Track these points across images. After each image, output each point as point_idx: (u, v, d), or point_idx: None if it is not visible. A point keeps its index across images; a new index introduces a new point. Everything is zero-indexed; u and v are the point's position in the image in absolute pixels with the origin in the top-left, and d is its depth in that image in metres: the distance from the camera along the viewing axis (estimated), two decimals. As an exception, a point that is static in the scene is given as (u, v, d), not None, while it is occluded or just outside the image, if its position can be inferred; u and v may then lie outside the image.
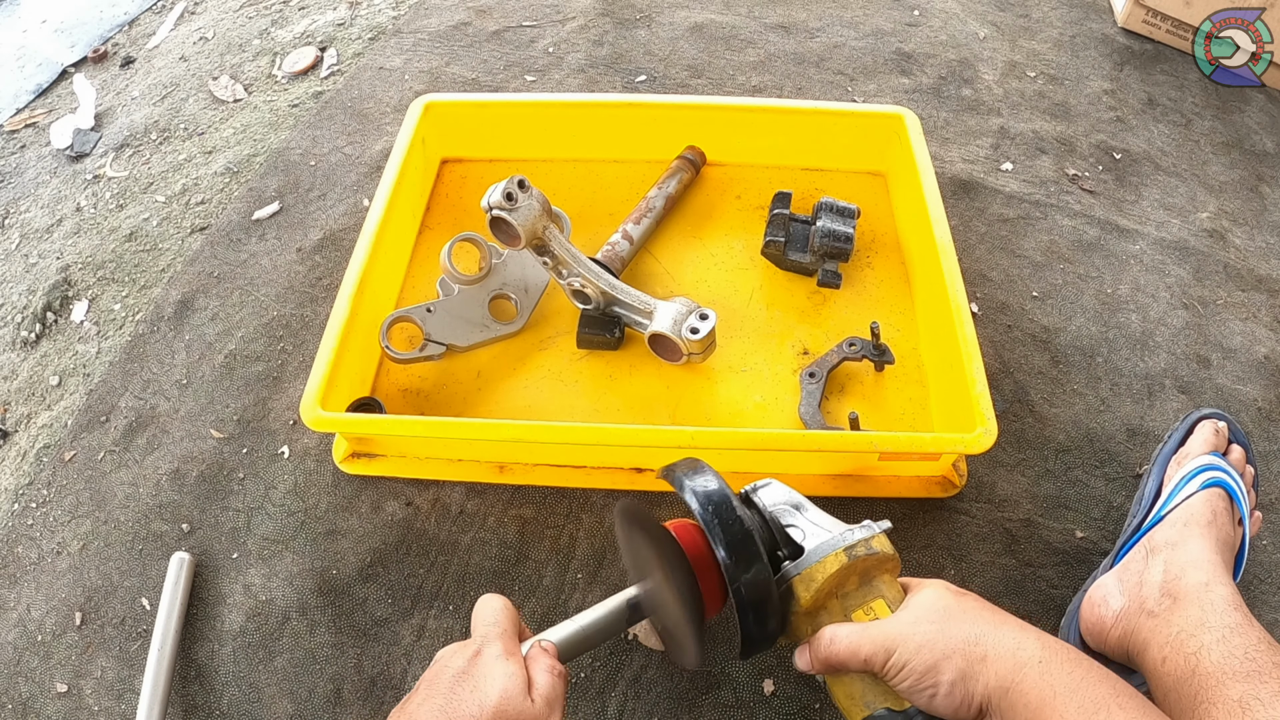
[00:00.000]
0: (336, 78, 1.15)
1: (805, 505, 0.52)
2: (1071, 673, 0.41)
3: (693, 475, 0.50)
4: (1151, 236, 0.93)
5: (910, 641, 0.44)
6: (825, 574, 0.47)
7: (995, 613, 0.46)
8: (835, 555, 0.47)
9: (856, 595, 0.49)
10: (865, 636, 0.45)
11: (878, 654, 0.44)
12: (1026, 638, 0.43)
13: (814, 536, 0.49)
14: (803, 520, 0.50)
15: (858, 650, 0.45)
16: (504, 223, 0.72)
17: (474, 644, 0.45)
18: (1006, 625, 0.44)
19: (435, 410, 0.77)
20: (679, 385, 0.79)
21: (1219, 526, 0.60)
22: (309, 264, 0.91)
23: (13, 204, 1.05)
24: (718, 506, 0.47)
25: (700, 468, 0.51)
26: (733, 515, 0.47)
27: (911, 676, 0.43)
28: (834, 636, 0.46)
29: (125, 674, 0.66)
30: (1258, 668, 0.47)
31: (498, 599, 0.49)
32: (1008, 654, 0.42)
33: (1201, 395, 0.80)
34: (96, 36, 1.30)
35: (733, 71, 1.11)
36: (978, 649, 0.43)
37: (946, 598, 0.47)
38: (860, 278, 0.86)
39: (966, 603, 0.46)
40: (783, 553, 0.49)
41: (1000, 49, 1.15)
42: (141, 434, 0.79)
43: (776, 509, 0.51)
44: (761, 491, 0.53)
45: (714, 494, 0.48)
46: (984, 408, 0.65)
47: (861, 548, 0.48)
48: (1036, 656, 0.42)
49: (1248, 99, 1.10)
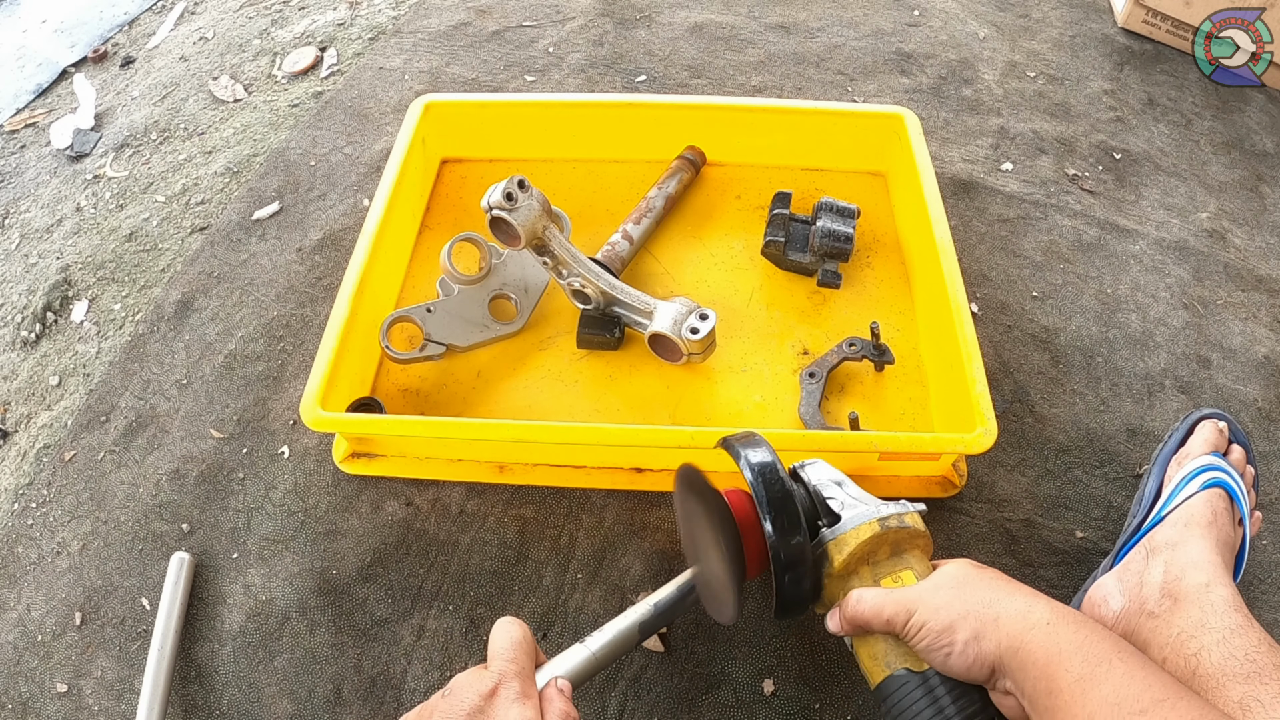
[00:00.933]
0: (336, 78, 1.15)
1: (846, 482, 0.56)
2: (1076, 631, 0.43)
3: (747, 445, 0.54)
4: (1151, 236, 0.93)
5: (929, 604, 0.47)
6: (858, 540, 0.51)
7: (1010, 581, 0.48)
8: (869, 524, 0.51)
9: (887, 564, 0.52)
10: (889, 599, 0.49)
11: (899, 615, 0.47)
12: (1037, 602, 0.46)
13: (851, 508, 0.53)
14: (842, 494, 0.54)
15: (881, 610, 0.48)
16: (504, 223, 0.72)
17: (491, 678, 0.45)
18: (1019, 592, 0.47)
19: (435, 410, 0.77)
20: (679, 385, 0.79)
21: (1219, 527, 0.60)
22: (309, 264, 0.91)
23: (13, 204, 1.05)
24: (764, 470, 0.52)
25: (756, 440, 0.55)
26: (777, 481, 0.51)
27: (929, 636, 0.46)
28: (861, 597, 0.50)
29: (125, 674, 0.66)
30: (1258, 669, 0.47)
31: (517, 627, 0.49)
32: (1018, 616, 0.45)
33: (1201, 395, 0.80)
34: (96, 36, 1.30)
35: (733, 71, 1.11)
36: (990, 611, 0.45)
37: (967, 569, 0.50)
38: (860, 278, 0.86)
39: (985, 573, 0.49)
40: (822, 522, 0.53)
41: (1000, 49, 1.15)
42: (141, 434, 0.79)
43: (820, 483, 0.55)
44: (809, 468, 0.57)
45: (764, 463, 0.52)
46: (984, 408, 0.65)
47: (894, 520, 0.51)
48: (1045, 618, 0.44)
49: (1248, 99, 1.10)
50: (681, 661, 0.65)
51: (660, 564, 0.70)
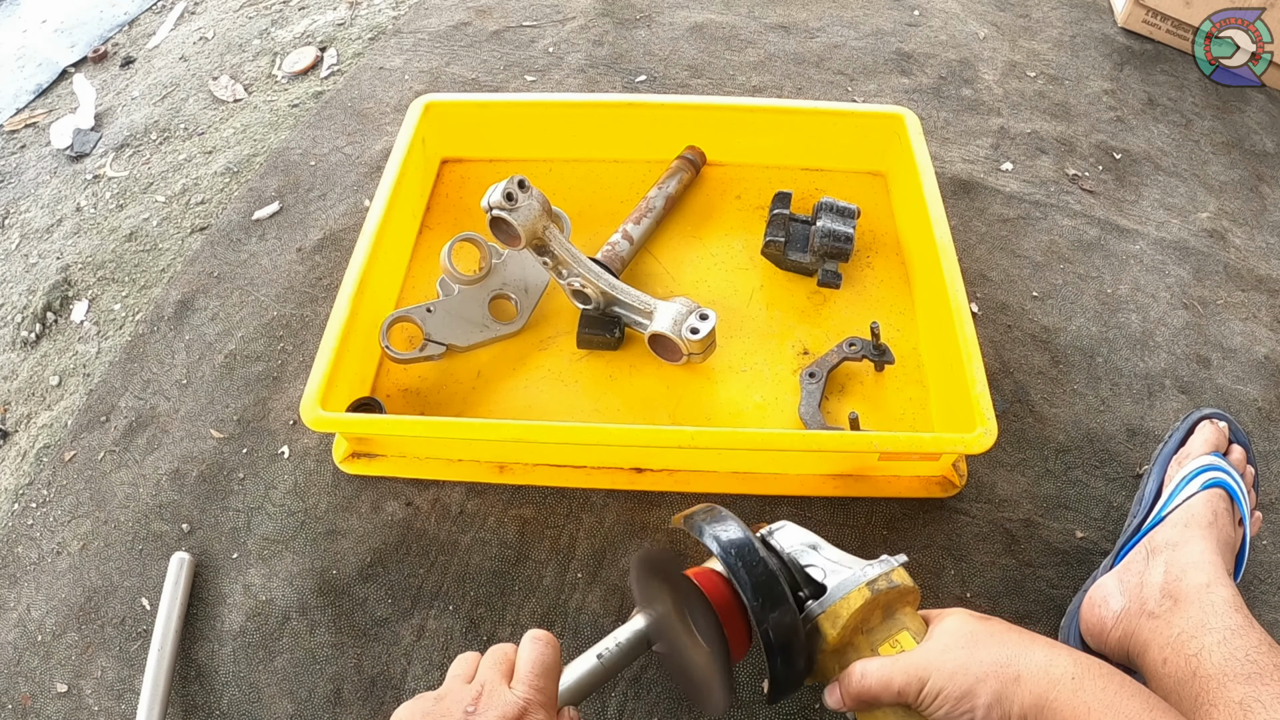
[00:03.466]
0: (336, 78, 1.15)
1: (821, 544, 0.52)
2: (1105, 688, 0.41)
3: (713, 522, 0.50)
4: (1151, 236, 0.93)
5: (942, 669, 0.44)
6: (850, 609, 0.47)
7: (1022, 633, 0.46)
8: (859, 590, 0.48)
9: (881, 630, 0.49)
10: (896, 668, 0.45)
11: (911, 684, 0.44)
12: (1058, 655, 0.43)
13: (834, 574, 0.49)
14: (820, 559, 0.51)
15: (890, 682, 0.45)
16: (504, 223, 0.72)
17: (516, 704, 0.42)
18: (1036, 644, 0.44)
19: (435, 410, 0.77)
20: (679, 385, 0.79)
21: (1220, 527, 0.60)
22: (309, 264, 0.91)
23: (13, 204, 1.05)
24: (741, 550, 0.48)
25: (720, 514, 0.51)
26: (756, 558, 0.47)
27: (947, 704, 0.43)
28: (864, 671, 0.46)
29: (125, 674, 0.66)
30: (1259, 670, 0.47)
31: (551, 650, 0.45)
32: (1040, 672, 0.42)
33: (1201, 395, 0.80)
34: (96, 36, 1.30)
35: (733, 71, 1.11)
36: (1010, 670, 0.43)
37: (972, 623, 0.47)
38: (860, 278, 0.86)
39: (992, 626, 0.46)
40: (804, 593, 0.50)
41: (1000, 49, 1.15)
42: (141, 434, 0.79)
43: (794, 550, 0.52)
44: (778, 534, 0.53)
45: (736, 539, 0.48)
46: (984, 408, 0.65)
47: (883, 581, 0.48)
48: (1070, 673, 0.42)
49: (1248, 99, 1.10)
50: (681, 661, 0.65)
51: (660, 564, 0.70)
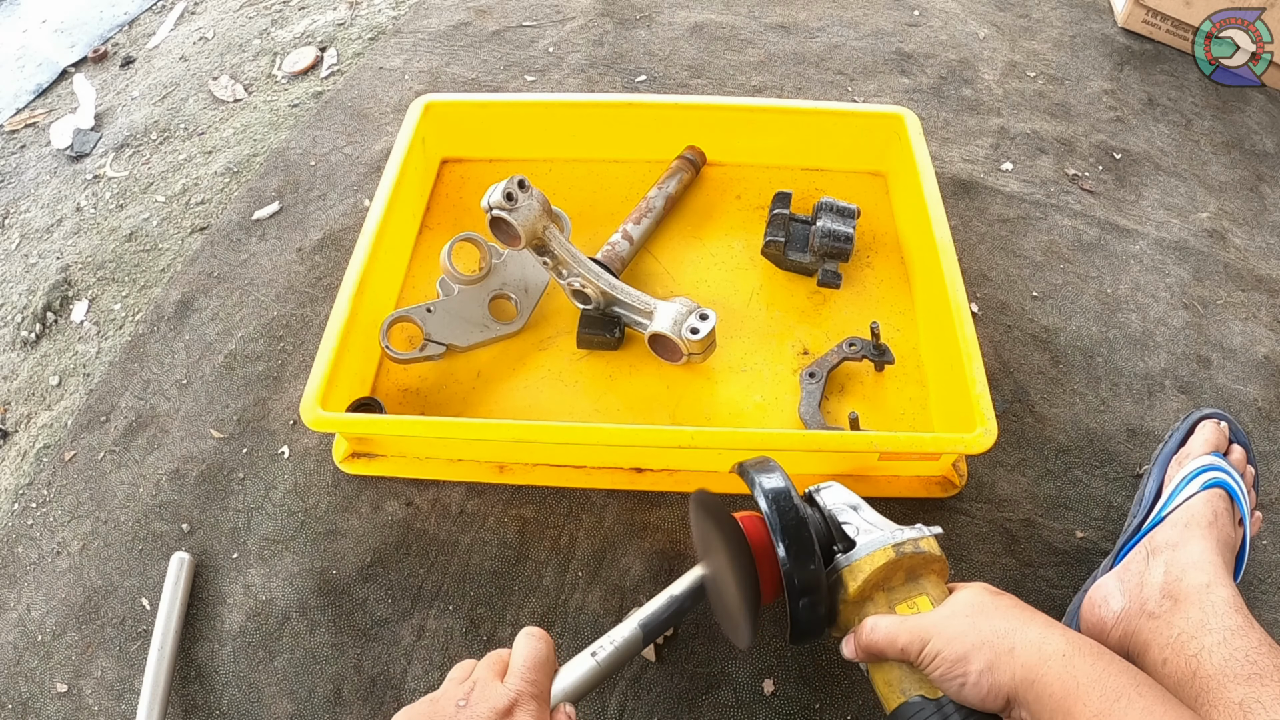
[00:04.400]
0: (336, 78, 1.15)
1: (862, 506, 0.55)
2: (1094, 664, 0.43)
3: (761, 472, 0.54)
4: (1151, 236, 0.93)
5: (943, 633, 0.46)
6: (873, 566, 0.50)
7: (1025, 609, 0.48)
8: (884, 550, 0.50)
9: (902, 590, 0.51)
10: (903, 627, 0.48)
11: (913, 643, 0.47)
12: (1052, 632, 0.45)
13: (866, 533, 0.52)
14: (858, 519, 0.54)
15: (895, 639, 0.48)
16: (504, 223, 0.72)
17: (507, 695, 0.44)
18: (1034, 621, 0.46)
19: (435, 410, 0.77)
20: (679, 385, 0.79)
21: (1220, 527, 0.60)
22: (309, 264, 0.91)
23: (13, 204, 1.05)
24: (778, 497, 0.52)
25: (770, 465, 0.55)
26: (791, 508, 0.51)
27: (943, 665, 0.46)
28: (875, 625, 0.49)
29: (125, 674, 0.66)
30: (1259, 670, 0.47)
31: (543, 644, 0.47)
32: (1033, 647, 0.44)
33: (1201, 395, 0.80)
34: (96, 36, 1.30)
35: (733, 71, 1.11)
36: (1005, 641, 0.45)
37: (983, 596, 0.49)
38: (860, 278, 0.86)
39: (1000, 601, 0.49)
40: (837, 547, 0.53)
41: (1000, 49, 1.15)
42: (141, 434, 0.79)
43: (835, 507, 0.55)
44: (824, 492, 0.56)
45: (778, 489, 0.52)
46: (984, 408, 0.65)
47: (909, 545, 0.51)
48: (1061, 650, 0.44)
49: (1248, 99, 1.10)
50: (681, 661, 0.65)
51: (660, 564, 0.70)
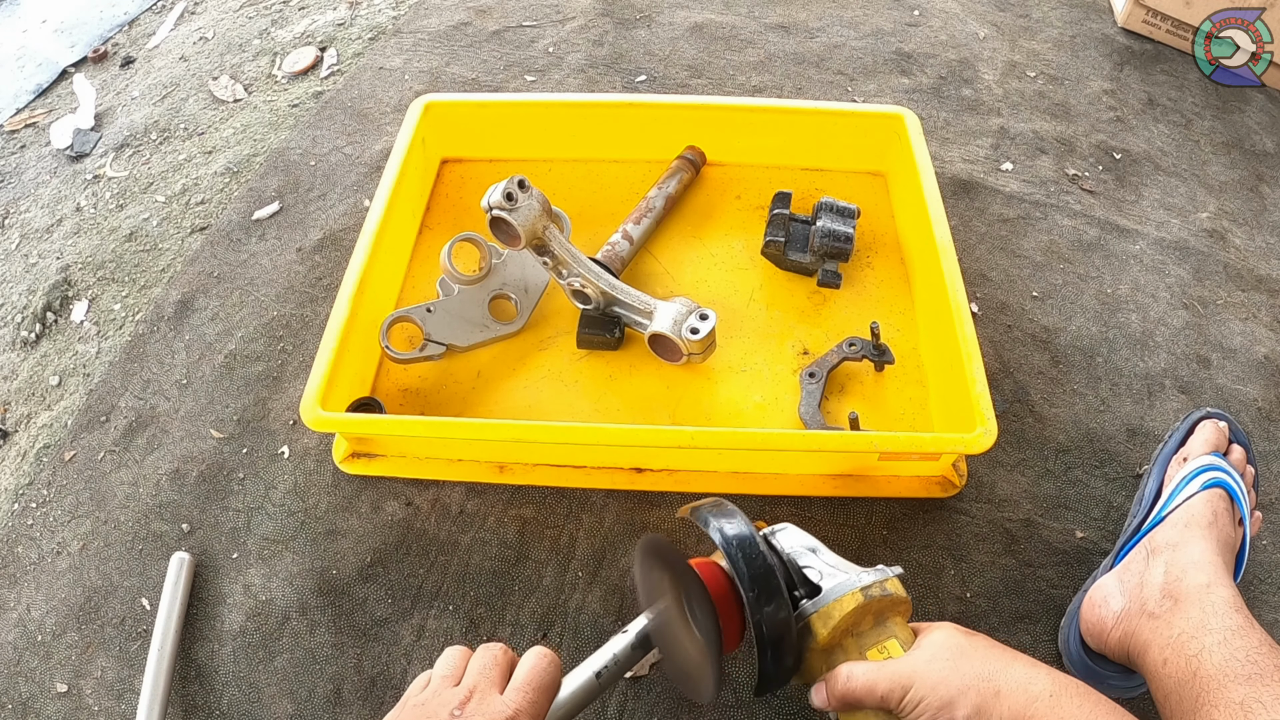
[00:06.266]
0: (336, 78, 1.15)
1: (820, 548, 0.54)
2: (1081, 705, 0.43)
3: (719, 516, 0.52)
4: (1151, 236, 0.93)
5: (926, 679, 0.45)
6: (842, 612, 0.49)
7: (1005, 650, 0.47)
8: (852, 594, 0.49)
9: (871, 635, 0.50)
10: (882, 674, 0.47)
11: (894, 690, 0.46)
12: (1037, 673, 0.45)
13: (830, 577, 0.51)
14: (818, 562, 0.52)
15: (874, 687, 0.46)
16: (504, 223, 0.72)
17: (508, 709, 0.43)
18: (1017, 662, 0.46)
19: (435, 410, 0.77)
20: (679, 385, 0.79)
21: (1220, 527, 0.60)
22: (309, 264, 0.91)
23: (13, 204, 1.05)
24: (743, 543, 0.49)
25: (727, 509, 0.52)
26: (756, 552, 0.49)
27: (927, 713, 0.44)
28: (851, 674, 0.48)
29: (125, 674, 0.66)
30: (1259, 670, 0.47)
31: (554, 667, 0.46)
32: (1019, 688, 0.44)
33: (1201, 395, 0.80)
34: (96, 36, 1.30)
35: (733, 71, 1.11)
36: (991, 685, 0.44)
37: (958, 637, 0.48)
38: (860, 278, 0.86)
39: (977, 641, 0.48)
40: (799, 592, 0.51)
41: (1000, 49, 1.15)
42: (141, 434, 0.79)
43: (794, 551, 0.53)
44: (779, 535, 0.55)
45: (740, 533, 0.50)
46: (984, 408, 0.65)
47: (877, 589, 0.49)
48: (1048, 690, 0.43)
49: (1248, 99, 1.10)
50: (681, 661, 0.65)
51: (660, 564, 0.70)
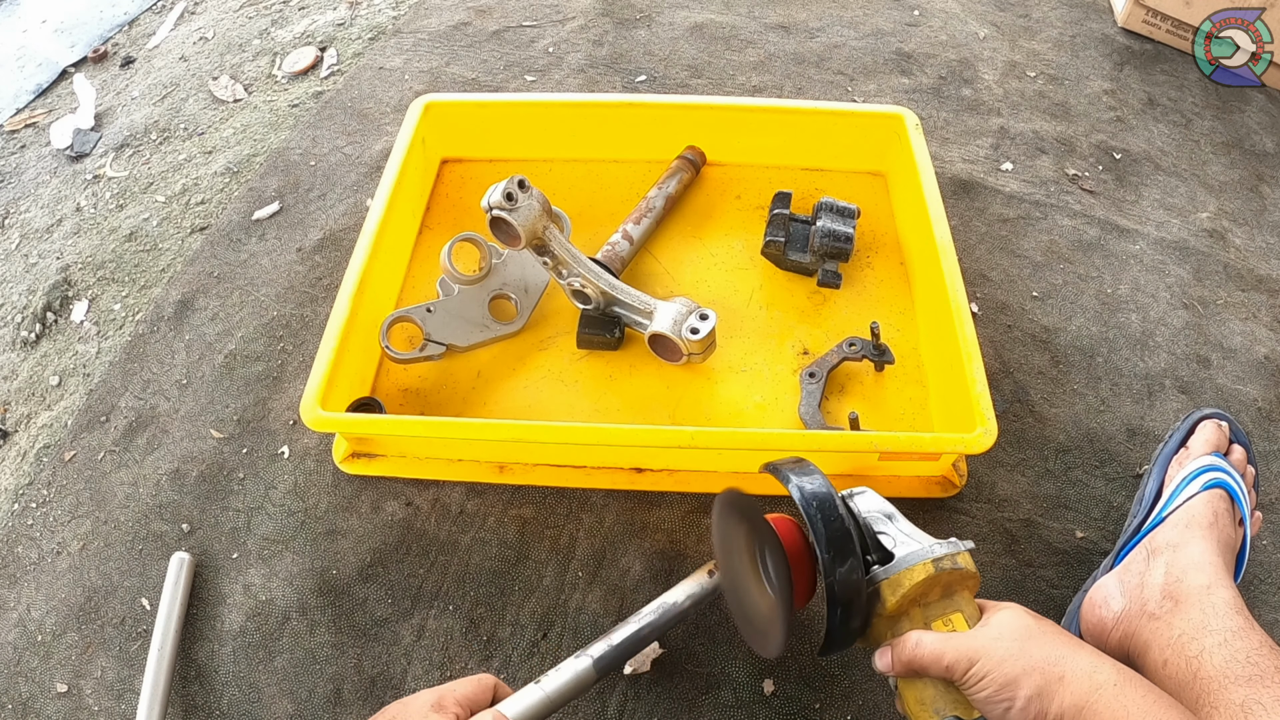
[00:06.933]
0: (336, 78, 1.15)
1: (896, 515, 0.54)
2: (1144, 697, 0.43)
3: (800, 473, 0.52)
4: (1151, 236, 0.93)
5: (993, 654, 0.46)
6: (912, 581, 0.49)
7: (1071, 638, 0.47)
8: (923, 565, 0.49)
9: (937, 606, 0.50)
10: (950, 644, 0.47)
11: (960, 662, 0.46)
12: (1102, 662, 0.45)
13: (904, 545, 0.51)
14: (893, 529, 0.52)
15: (941, 656, 0.47)
16: (504, 223, 0.72)
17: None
18: (1083, 650, 0.46)
19: (435, 410, 0.77)
20: (679, 385, 0.79)
21: (1220, 528, 0.60)
22: (309, 264, 0.91)
23: (13, 204, 1.05)
24: (822, 503, 0.50)
25: (808, 467, 0.53)
26: (835, 514, 0.49)
27: (991, 687, 0.45)
28: (920, 640, 0.48)
29: (125, 674, 0.66)
30: (1260, 672, 0.47)
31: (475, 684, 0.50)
32: (1084, 676, 0.44)
33: (1201, 395, 0.80)
34: (96, 36, 1.30)
35: (733, 71, 1.11)
36: (1056, 669, 0.44)
37: (1026, 619, 0.48)
38: (860, 278, 0.86)
39: (1045, 626, 0.48)
40: (871, 557, 0.51)
41: (1000, 49, 1.15)
42: (141, 434, 0.79)
43: (870, 515, 0.53)
44: (857, 498, 0.55)
45: (820, 492, 0.50)
46: (984, 408, 0.65)
47: (948, 561, 0.50)
48: (1112, 680, 0.44)
49: (1248, 99, 1.10)
50: (681, 662, 0.65)
51: (660, 564, 0.70)
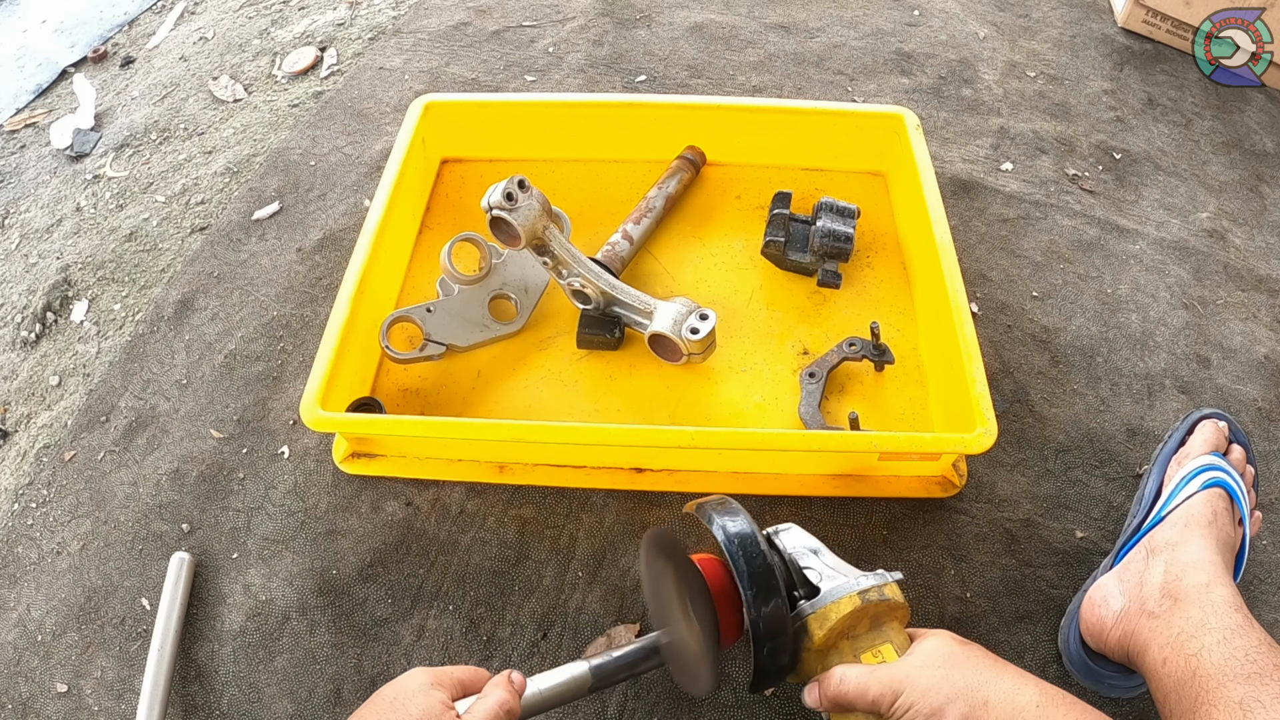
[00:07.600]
0: (336, 78, 1.15)
1: (822, 550, 0.54)
2: (1066, 715, 0.43)
3: (723, 513, 0.52)
4: (1151, 236, 0.93)
5: (917, 684, 0.46)
6: (839, 614, 0.49)
7: (996, 661, 0.48)
8: (850, 597, 0.49)
9: (866, 638, 0.51)
10: (874, 677, 0.47)
11: (885, 695, 0.46)
12: (1025, 684, 0.45)
13: (830, 579, 0.51)
14: (819, 564, 0.53)
15: (866, 690, 0.47)
16: (504, 223, 0.72)
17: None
18: (1007, 672, 0.46)
19: (435, 410, 0.77)
20: (679, 385, 0.79)
21: (1219, 527, 0.60)
22: (309, 264, 0.91)
23: (13, 204, 1.05)
24: (744, 542, 0.50)
25: (731, 507, 0.53)
26: (756, 551, 0.50)
27: (916, 718, 0.45)
28: (844, 676, 0.48)
29: (125, 674, 0.66)
30: (1259, 670, 0.47)
31: None
32: (1007, 699, 0.44)
33: (1201, 395, 0.80)
34: (96, 36, 1.30)
35: (733, 71, 1.11)
36: (979, 694, 0.45)
37: (951, 645, 0.49)
38: (860, 278, 0.86)
39: (970, 651, 0.48)
40: (798, 593, 0.52)
41: (1000, 49, 1.15)
42: (141, 434, 0.79)
43: (795, 551, 0.54)
44: (783, 535, 0.55)
45: (743, 531, 0.51)
46: (984, 408, 0.65)
47: (874, 593, 0.50)
48: (1034, 701, 0.44)
49: (1248, 99, 1.10)
50: (681, 661, 0.65)
51: (660, 564, 0.70)
